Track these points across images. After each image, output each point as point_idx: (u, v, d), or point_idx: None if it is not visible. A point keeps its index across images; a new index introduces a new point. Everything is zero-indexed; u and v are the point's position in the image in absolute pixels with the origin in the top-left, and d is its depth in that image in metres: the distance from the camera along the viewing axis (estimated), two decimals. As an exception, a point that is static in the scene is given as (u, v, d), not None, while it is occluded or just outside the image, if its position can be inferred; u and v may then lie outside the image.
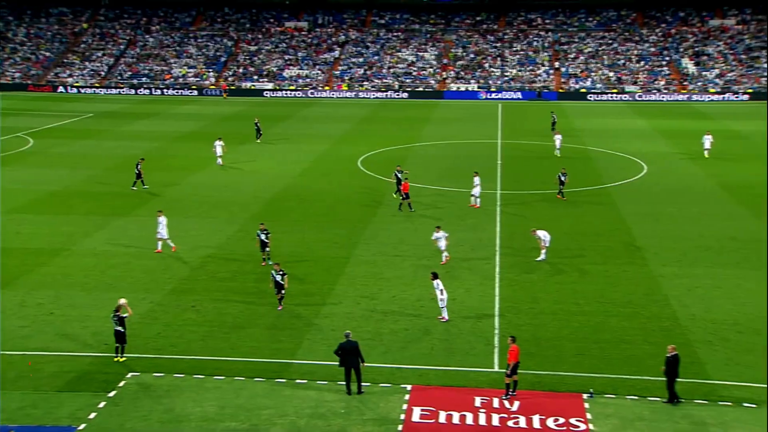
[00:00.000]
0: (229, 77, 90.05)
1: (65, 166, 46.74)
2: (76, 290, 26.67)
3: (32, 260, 29.57)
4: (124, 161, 48.23)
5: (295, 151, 52.61)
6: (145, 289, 26.76)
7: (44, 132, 59.70)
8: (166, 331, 23.41)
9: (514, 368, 19.38)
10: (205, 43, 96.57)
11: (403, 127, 63.45)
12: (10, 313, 24.67)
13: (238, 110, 75.17)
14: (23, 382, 20.19)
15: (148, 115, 70.85)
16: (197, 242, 32.02)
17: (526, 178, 44.18)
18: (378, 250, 31.20)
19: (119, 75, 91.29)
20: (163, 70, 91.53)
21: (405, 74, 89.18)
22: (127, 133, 60.45)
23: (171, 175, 44.53)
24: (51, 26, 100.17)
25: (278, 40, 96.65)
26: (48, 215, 36.06)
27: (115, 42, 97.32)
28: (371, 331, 23.32)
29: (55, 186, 41.80)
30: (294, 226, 34.34)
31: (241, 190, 41.25)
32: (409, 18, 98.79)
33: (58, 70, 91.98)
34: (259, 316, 24.55)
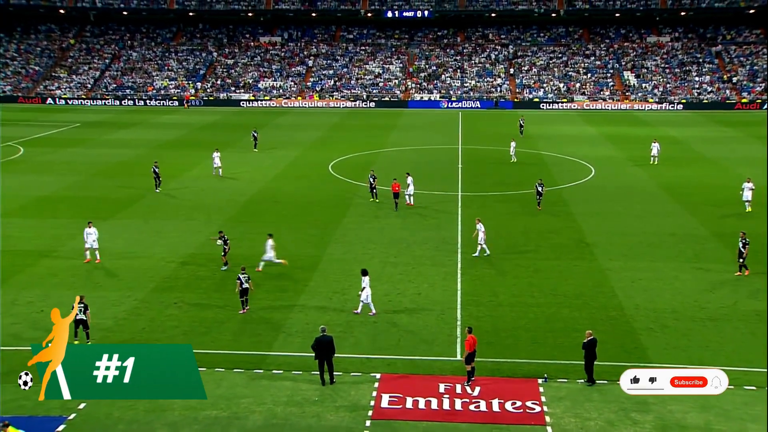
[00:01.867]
0: (208, 88, 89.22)
1: (53, 173, 45.92)
2: (64, 289, 26.22)
3: (21, 261, 29.00)
4: (108, 168, 47.57)
5: (269, 157, 52.26)
6: (129, 287, 26.40)
7: (34, 141, 58.59)
8: (151, 326, 23.12)
9: (469, 356, 19.45)
10: (185, 57, 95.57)
11: (371, 134, 63.42)
12: (2, 311, 24.16)
13: (217, 119, 74.50)
14: (15, 376, 19.72)
15: (131, 124, 69.90)
16: (178, 243, 31.66)
17: (485, 180, 44.41)
18: (348, 248, 31.13)
19: (104, 87, 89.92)
20: (145, 83, 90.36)
21: (372, 85, 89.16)
22: (112, 141, 59.59)
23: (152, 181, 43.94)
24: (40, 42, 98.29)
25: (253, 53, 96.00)
26: (36, 219, 35.40)
27: (100, 56, 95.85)
28: (343, 324, 23.26)
29: (44, 191, 41.05)
30: (268, 227, 34.01)
31: (218, 194, 40.86)
32: (375, 33, 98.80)
33: (47, 83, 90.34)
34: (236, 312, 24.33)
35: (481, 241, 29.78)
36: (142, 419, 17.82)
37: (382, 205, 37.33)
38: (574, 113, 79.29)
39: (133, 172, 46.03)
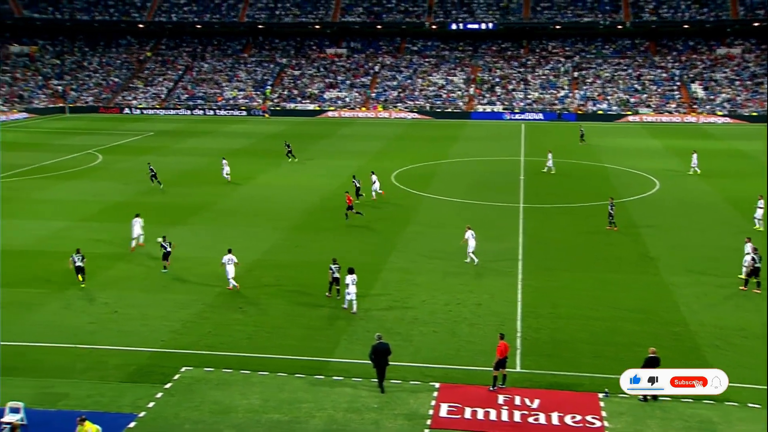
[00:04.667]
0: (275, 99, 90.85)
1: (129, 180, 47.49)
2: (136, 291, 27.06)
3: (98, 264, 30.05)
4: (180, 175, 48.88)
5: (332, 166, 52.81)
6: (196, 291, 27.04)
7: (111, 149, 60.73)
8: (216, 330, 23.61)
9: (500, 363, 19.22)
10: (254, 68, 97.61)
11: (433, 145, 63.40)
12: (80, 310, 25.13)
13: (283, 129, 75.76)
14: (92, 373, 20.53)
15: (202, 133, 71.75)
16: (244, 249, 32.24)
17: (547, 192, 43.81)
18: (410, 257, 31.15)
19: (177, 97, 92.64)
20: (215, 93, 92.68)
21: (435, 96, 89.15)
22: (183, 149, 61.26)
23: (220, 188, 45.01)
24: (120, 55, 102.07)
25: (320, 65, 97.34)
26: (113, 223, 36.63)
27: (174, 68, 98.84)
28: (403, 333, 23.28)
29: (120, 197, 42.49)
30: (331, 235, 34.46)
31: (284, 202, 41.52)
32: (439, 45, 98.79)
33: (125, 93, 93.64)
34: (300, 318, 24.65)
35: (471, 249, 29.82)
36: (208, 419, 18.22)
37: (444, 215, 37.23)
38: (638, 126, 77.47)
39: (202, 180, 47.19)
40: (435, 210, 39.37)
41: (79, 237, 34.03)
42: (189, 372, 20.49)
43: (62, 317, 24.51)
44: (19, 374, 20.33)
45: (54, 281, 28.01)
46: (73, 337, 22.76)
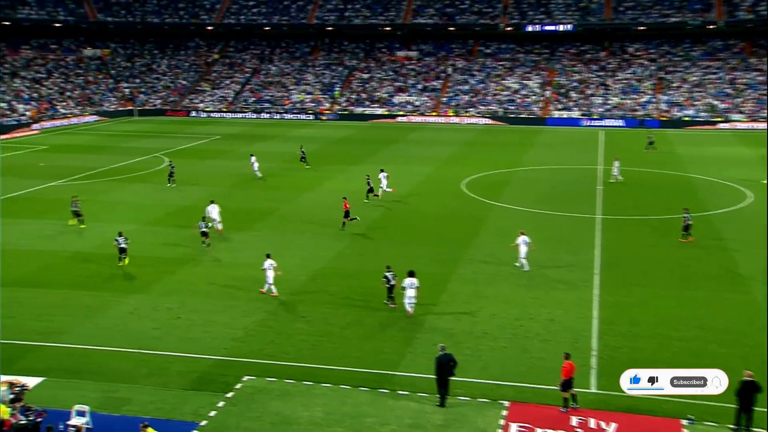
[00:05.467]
0: (343, 103, 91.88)
1: (194, 183, 48.81)
2: (200, 297, 27.73)
3: (163, 268, 30.99)
4: (245, 180, 49.92)
5: (401, 172, 52.89)
6: (260, 299, 27.52)
7: (178, 152, 62.56)
8: (279, 339, 23.96)
9: (566, 383, 18.83)
10: (322, 71, 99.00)
11: (506, 152, 62.84)
12: (144, 315, 25.94)
13: (350, 133, 76.50)
14: (155, 379, 21.15)
15: (268, 137, 73.19)
16: (309, 257, 32.69)
17: (628, 203, 42.77)
18: (479, 269, 30.92)
19: (244, 101, 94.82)
20: (283, 96, 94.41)
21: (509, 101, 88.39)
22: (247, 153, 62.44)
23: (285, 193, 45.75)
24: (188, 57, 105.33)
25: (389, 68, 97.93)
26: (178, 228, 37.68)
27: (241, 71, 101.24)
28: (471, 348, 23.10)
29: (185, 201, 43.70)
30: (399, 243, 34.53)
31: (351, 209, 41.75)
32: (514, 48, 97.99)
33: (192, 96, 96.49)
34: (364, 328, 24.77)
35: (522, 255, 29.99)
36: (269, 431, 18.49)
37: (516, 225, 36.79)
38: (728, 134, 74.80)
39: (267, 185, 48.08)
40: (506, 220, 38.98)
41: (144, 240, 35.17)
42: (251, 381, 20.85)
43: (127, 322, 25.35)
44: (85, 377, 21.12)
45: (120, 285, 29.02)
46: (137, 342, 23.51)
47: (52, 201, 43.58)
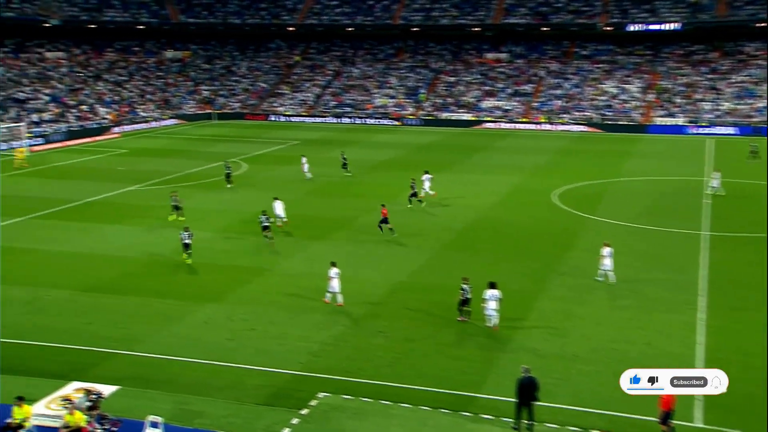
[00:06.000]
0: (428, 108, 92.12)
1: (271, 190, 49.78)
2: (275, 308, 28.29)
3: (238, 277, 31.79)
4: (323, 187, 50.65)
5: (489, 182, 52.66)
6: (337, 312, 27.84)
7: (256, 158, 64.11)
8: (356, 354, 24.16)
9: (665, 416, 18.36)
10: (406, 74, 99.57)
11: (603, 161, 61.57)
12: (218, 326, 26.66)
13: (434, 140, 76.57)
14: (229, 392, 21.68)
15: (348, 143, 74.02)
16: (389, 269, 32.87)
17: (739, 219, 41.15)
18: (570, 286, 30.39)
19: (325, 104, 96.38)
20: (365, 100, 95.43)
21: (606, 107, 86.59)
22: (328, 160, 63.38)
23: (365, 202, 46.14)
24: (268, 60, 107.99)
25: (478, 71, 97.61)
26: (254, 235, 38.53)
27: (323, 73, 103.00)
28: (560, 371, 22.69)
29: (260, 208, 44.55)
30: (485, 256, 34.31)
31: (433, 220, 41.87)
32: (613, 49, 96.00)
33: (272, 99, 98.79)
34: (446, 346, 24.71)
35: (605, 267, 29.81)
36: (344, 450, 18.64)
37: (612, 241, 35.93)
38: None
39: (346, 193, 48.67)
40: (602, 234, 38.08)
41: (219, 248, 36.21)
42: (326, 398, 21.08)
43: (201, 331, 26.10)
44: (159, 387, 21.86)
45: (195, 294, 29.92)
46: (211, 353, 24.16)
47: (131, 206, 45.39)
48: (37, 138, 71.74)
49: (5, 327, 26.09)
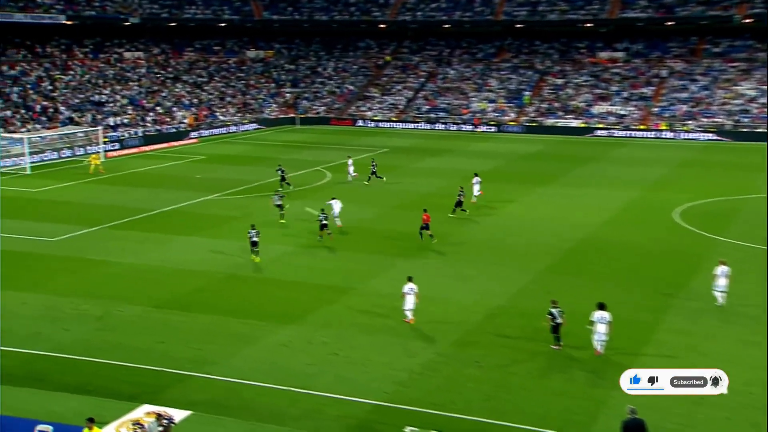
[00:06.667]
0: (531, 113, 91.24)
1: (356, 202, 50.27)
2: (359, 332, 28.41)
3: (320, 296, 32.12)
4: (412, 200, 50.70)
5: (599, 196, 51.63)
6: (426, 337, 27.75)
7: (341, 166, 64.84)
8: (447, 386, 23.99)
9: None
10: (508, 76, 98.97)
11: (734, 175, 59.53)
12: (298, 349, 26.97)
13: (539, 149, 75.72)
14: (307, 422, 21.85)
15: (442, 151, 74.07)
16: (485, 291, 32.59)
17: None
18: (696, 317, 29.39)
19: (417, 109, 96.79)
20: (461, 105, 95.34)
21: (742, 112, 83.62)
22: (420, 170, 63.64)
23: (463, 217, 45.91)
24: (357, 60, 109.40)
25: (589, 72, 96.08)
26: (337, 251, 38.96)
27: (416, 75, 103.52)
28: (682, 415, 21.90)
29: (344, 221, 45.10)
30: (594, 283, 33.57)
31: (536, 237, 41.32)
32: (752, 45, 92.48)
33: (360, 103, 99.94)
34: (549, 379, 24.27)
35: (719, 288, 29.43)
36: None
37: (745, 267, 34.57)
38: None
39: (439, 206, 48.51)
40: (732, 259, 36.68)
41: (300, 263, 36.75)
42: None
43: (279, 355, 26.47)
44: (232, 414, 22.25)
45: (272, 313, 30.39)
46: (289, 379, 24.43)
47: (207, 216, 46.63)
48: (113, 143, 74.75)
49: (76, 343, 27.18)
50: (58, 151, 70.01)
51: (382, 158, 70.23)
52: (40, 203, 51.20)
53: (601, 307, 25.62)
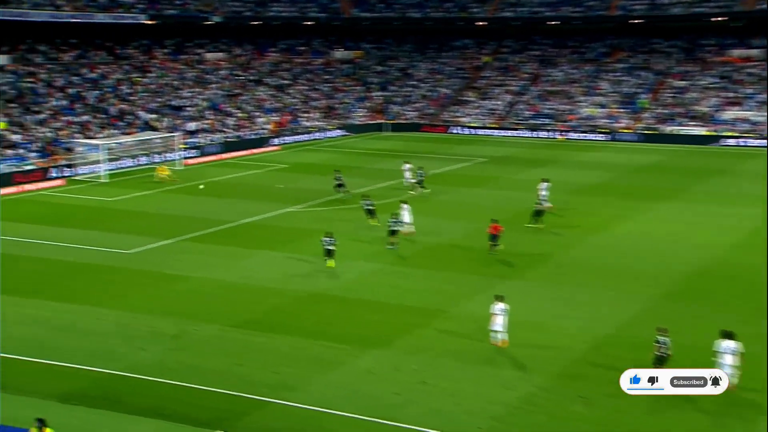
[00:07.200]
0: (647, 119, 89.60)
1: (448, 216, 50.28)
2: (451, 359, 28.39)
3: (409, 319, 32.25)
4: (513, 215, 50.33)
5: (727, 215, 50.29)
6: (526, 368, 27.55)
7: (434, 177, 64.95)
8: (549, 423, 23.77)
9: None
10: (621, 78, 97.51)
11: None
12: (383, 376, 27.14)
13: (656, 159, 74.34)
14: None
15: (546, 161, 73.41)
16: (594, 319, 32.15)
17: None
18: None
19: (517, 114, 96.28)
20: (567, 110, 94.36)
21: None
22: (520, 182, 63.09)
23: (566, 235, 45.46)
24: (452, 61, 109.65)
25: (718, 73, 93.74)
26: (429, 270, 39.03)
27: (517, 77, 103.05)
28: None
29: (436, 237, 45.19)
30: (719, 313, 32.68)
31: (653, 259, 40.54)
32: None
33: (454, 108, 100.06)
34: (668, 421, 23.73)
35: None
36: None
37: None
38: None
39: (546, 222, 48.12)
40: None
41: (387, 282, 37.00)
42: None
43: (364, 382, 26.70)
44: (312, 445, 22.60)
45: (357, 336, 30.64)
46: (373, 409, 24.57)
47: (288, 230, 47.46)
48: (191, 150, 76.89)
49: (150, 363, 28.02)
50: (135, 158, 72.34)
51: (478, 169, 70.14)
52: (116, 213, 52.99)
53: (728, 336, 25.10)
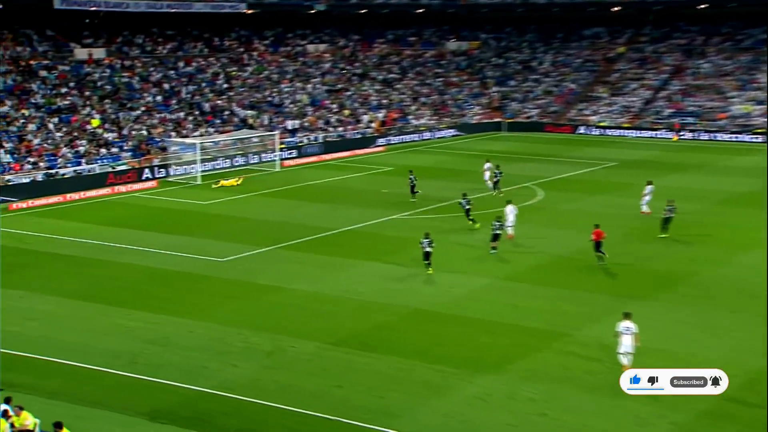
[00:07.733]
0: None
1: (574, 227, 49.35)
2: (575, 389, 27.88)
3: (526, 342, 31.87)
4: (646, 227, 49.24)
5: None
6: (664, 403, 26.67)
7: (556, 183, 64.25)
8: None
9: None
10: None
11: None
12: (497, 405, 26.85)
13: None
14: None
15: (688, 166, 71.71)
16: (744, 348, 31.09)
17: None
18: None
19: (656, 113, 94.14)
20: (716, 108, 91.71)
21: None
22: (657, 189, 61.54)
23: (713, 250, 44.22)
24: (581, 52, 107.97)
25: None
26: (548, 287, 38.50)
27: (656, 70, 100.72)
28: None
29: (560, 251, 44.52)
30: None
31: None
32: None
33: (582, 106, 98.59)
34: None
35: None
36: None
37: None
38: None
39: (682, 236, 46.92)
40: None
41: (500, 300, 36.74)
42: None
43: (474, 410, 26.43)
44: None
45: (467, 359, 30.41)
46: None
47: (393, 239, 47.58)
48: (289, 150, 78.03)
49: (243, 382, 28.46)
50: (231, 158, 73.78)
51: (606, 174, 68.86)
52: (210, 218, 54.21)
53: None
